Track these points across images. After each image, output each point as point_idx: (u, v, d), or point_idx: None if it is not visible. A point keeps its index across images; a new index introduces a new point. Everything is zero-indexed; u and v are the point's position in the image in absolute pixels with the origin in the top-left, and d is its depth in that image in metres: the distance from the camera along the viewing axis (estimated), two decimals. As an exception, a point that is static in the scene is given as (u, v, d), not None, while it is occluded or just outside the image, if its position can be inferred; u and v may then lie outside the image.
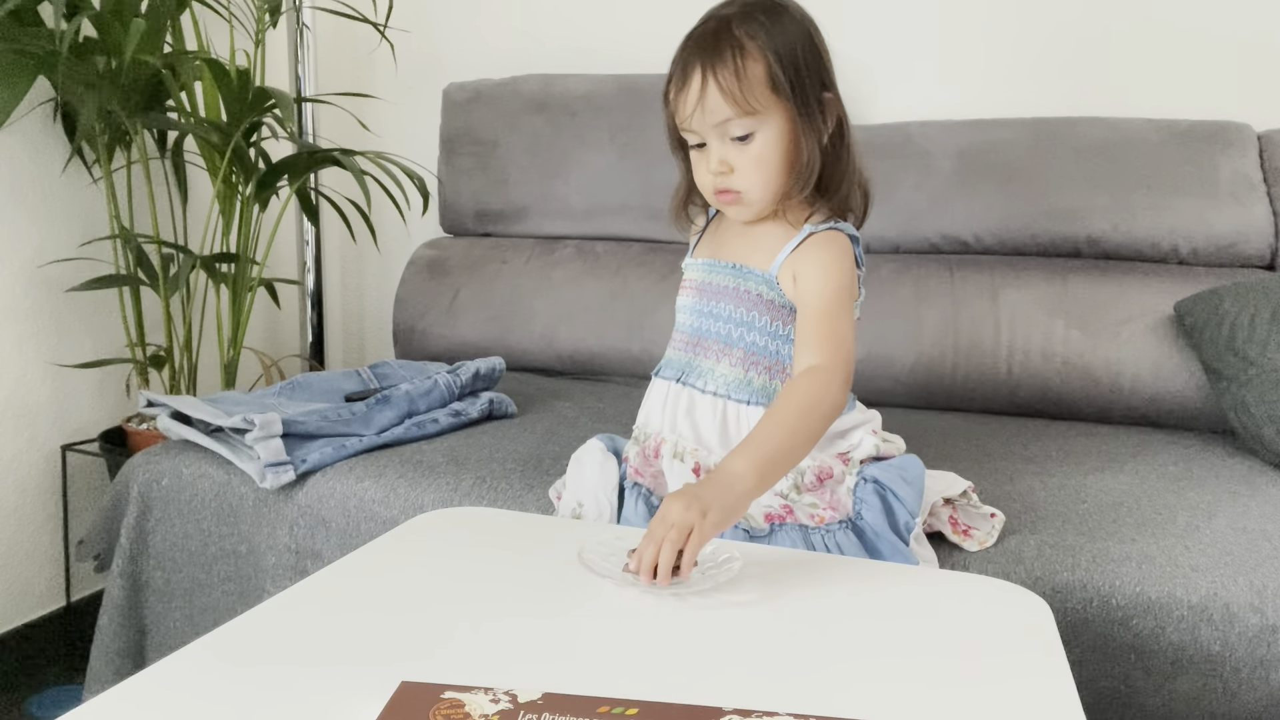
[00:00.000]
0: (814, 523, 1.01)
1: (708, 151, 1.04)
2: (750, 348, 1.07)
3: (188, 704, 0.60)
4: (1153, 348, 1.59)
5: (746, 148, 1.03)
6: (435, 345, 1.93)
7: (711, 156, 1.03)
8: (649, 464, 1.08)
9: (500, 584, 0.78)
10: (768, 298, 1.07)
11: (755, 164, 1.03)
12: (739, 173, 1.04)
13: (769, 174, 1.04)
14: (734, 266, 1.09)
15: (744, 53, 1.00)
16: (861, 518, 1.01)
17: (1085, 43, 1.82)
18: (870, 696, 0.62)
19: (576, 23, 2.08)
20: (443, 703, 0.58)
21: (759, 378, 1.07)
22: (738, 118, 1.01)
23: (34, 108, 1.63)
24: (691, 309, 1.12)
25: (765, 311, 1.08)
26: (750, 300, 1.08)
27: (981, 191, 1.73)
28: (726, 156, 1.03)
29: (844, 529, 1.01)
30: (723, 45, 1.01)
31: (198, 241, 1.86)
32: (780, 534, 1.00)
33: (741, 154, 1.03)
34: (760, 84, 1.01)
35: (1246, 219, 1.64)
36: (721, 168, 1.03)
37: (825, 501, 1.02)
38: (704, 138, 1.04)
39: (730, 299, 1.08)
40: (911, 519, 0.99)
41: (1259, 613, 0.97)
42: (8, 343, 1.63)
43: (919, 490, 1.02)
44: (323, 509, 1.25)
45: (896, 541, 0.99)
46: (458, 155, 2.00)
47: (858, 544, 0.99)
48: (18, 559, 1.66)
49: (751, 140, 1.02)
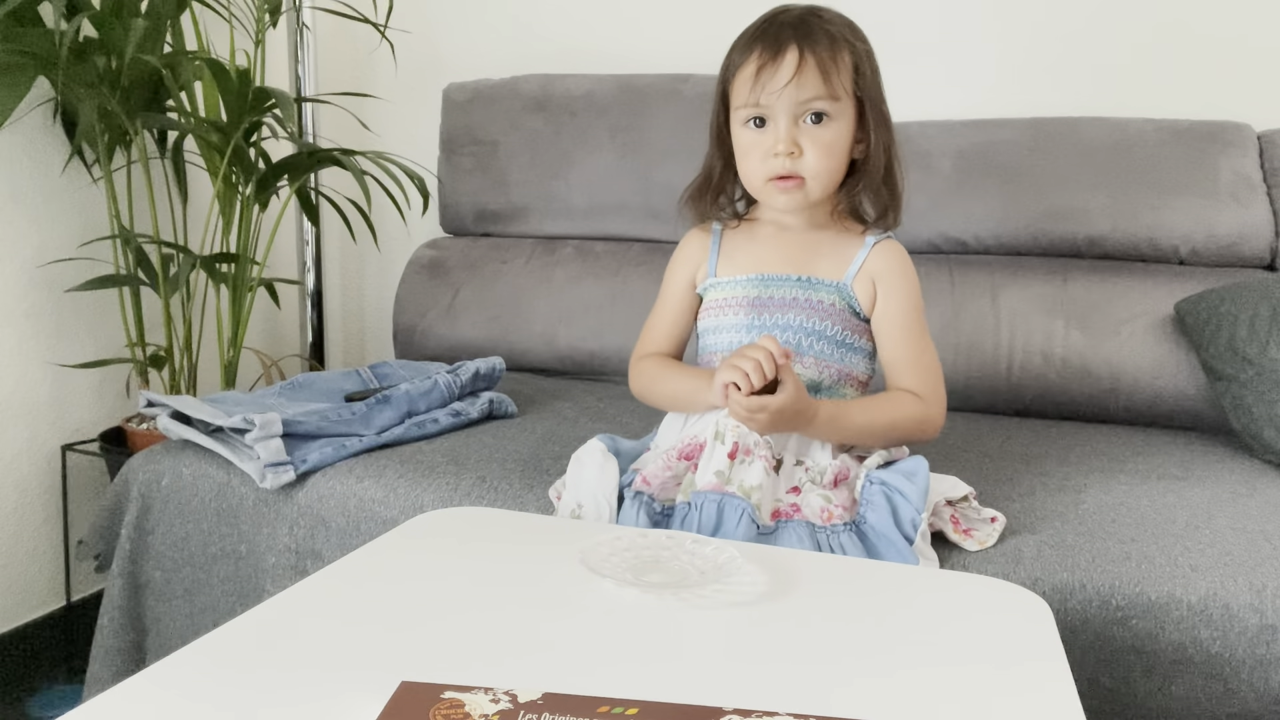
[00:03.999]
0: (822, 519, 1.01)
1: (770, 133, 1.05)
2: (820, 355, 1.09)
3: (187, 704, 0.60)
4: (1153, 348, 1.59)
5: (820, 132, 1.04)
6: (435, 345, 1.93)
7: (781, 136, 1.04)
8: (669, 466, 1.06)
9: (500, 584, 0.78)
10: (840, 307, 1.10)
11: (826, 150, 1.05)
12: (807, 156, 1.05)
13: (834, 164, 1.06)
14: (800, 279, 1.10)
15: (835, 41, 1.04)
16: (865, 520, 1.01)
17: (1085, 43, 1.82)
18: (870, 696, 0.62)
19: (576, 23, 2.08)
20: (443, 703, 0.58)
21: (828, 381, 1.09)
22: (825, 99, 1.03)
23: (34, 108, 1.63)
24: (746, 326, 1.11)
25: (837, 320, 1.10)
26: (823, 310, 1.09)
27: (981, 191, 1.73)
28: (798, 138, 1.04)
29: (848, 530, 1.01)
30: (816, 29, 1.04)
31: (198, 241, 1.86)
32: (787, 530, 1.00)
33: (814, 139, 1.04)
34: (848, 73, 1.04)
35: (1246, 219, 1.64)
36: (792, 148, 1.04)
37: (838, 499, 1.03)
38: (773, 115, 1.04)
39: (799, 310, 1.09)
40: (917, 514, 1.00)
41: (1259, 613, 0.97)
42: (8, 343, 1.63)
43: (923, 489, 1.03)
44: (323, 509, 1.25)
45: (899, 542, 0.99)
46: (458, 155, 2.00)
47: (860, 546, 1.00)
48: (18, 559, 1.66)
49: (826, 125, 1.04)
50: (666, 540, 0.85)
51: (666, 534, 0.87)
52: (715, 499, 0.98)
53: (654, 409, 1.21)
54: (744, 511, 0.97)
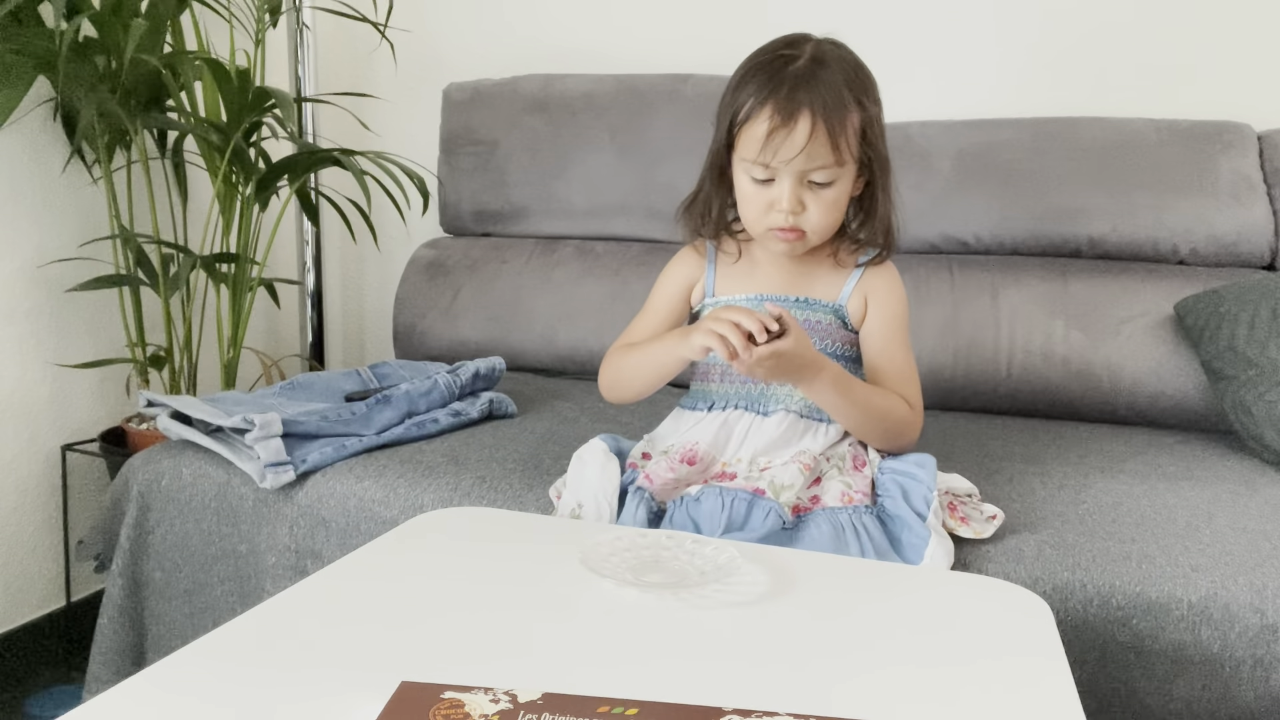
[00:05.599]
0: (843, 503, 1.03)
1: (774, 189, 1.06)
2: None
3: (187, 704, 0.60)
4: (1153, 348, 1.59)
5: (823, 192, 1.06)
6: (435, 345, 1.93)
7: (784, 196, 1.05)
8: (673, 469, 1.07)
9: (500, 584, 0.78)
10: (835, 325, 1.14)
11: (829, 208, 1.07)
12: (810, 215, 1.07)
13: (836, 218, 1.09)
14: (798, 300, 1.14)
15: (846, 103, 1.03)
16: (884, 508, 1.04)
17: (1085, 42, 1.82)
18: (870, 696, 0.62)
19: (576, 23, 2.08)
20: (443, 703, 0.58)
21: None
22: (832, 166, 1.04)
23: (34, 108, 1.63)
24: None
25: (834, 338, 1.14)
26: (820, 329, 1.13)
27: (981, 191, 1.73)
28: (803, 197, 1.06)
29: (870, 513, 1.03)
30: (830, 90, 1.02)
31: (198, 241, 1.86)
32: (809, 521, 1.02)
33: (817, 197, 1.06)
34: (855, 136, 1.05)
35: (1246, 219, 1.64)
36: (797, 208, 1.06)
37: (858, 484, 1.05)
38: (780, 176, 1.05)
39: None
40: (930, 491, 1.03)
41: (1259, 613, 0.97)
42: (8, 343, 1.63)
43: (932, 474, 1.06)
44: (323, 509, 1.25)
45: (914, 521, 1.00)
46: (458, 155, 2.00)
47: (880, 528, 1.01)
48: (18, 559, 1.66)
49: (830, 187, 1.06)
50: (666, 540, 0.86)
51: (666, 534, 0.87)
52: (746, 497, 1.01)
53: (653, 409, 1.21)
54: (771, 510, 1.00)
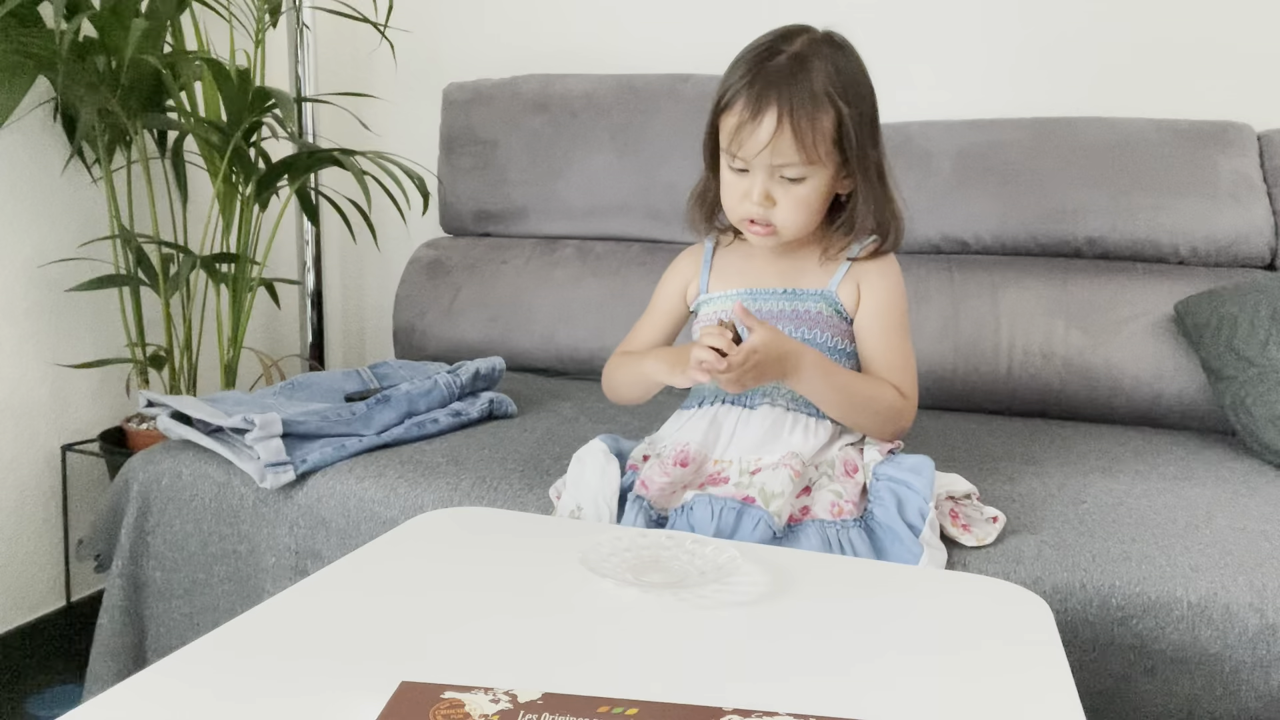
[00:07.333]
0: (832, 514, 1.02)
1: (749, 180, 1.05)
2: None
3: (187, 704, 0.60)
4: (1153, 348, 1.59)
5: (793, 188, 1.05)
6: (435, 345, 1.93)
7: (755, 188, 1.05)
8: (666, 473, 1.06)
9: (500, 584, 0.78)
10: (827, 314, 1.11)
11: (798, 205, 1.06)
12: (780, 209, 1.06)
13: (808, 216, 1.07)
14: (785, 292, 1.12)
15: (818, 102, 1.01)
16: (873, 516, 1.03)
17: (1085, 43, 1.82)
18: (870, 696, 0.62)
19: (576, 23, 2.08)
20: (443, 703, 0.58)
21: None
22: (799, 165, 1.03)
23: (34, 108, 1.63)
24: None
25: (826, 328, 1.11)
26: (810, 319, 1.11)
27: (981, 191, 1.73)
28: (772, 191, 1.05)
29: (857, 526, 1.02)
30: (800, 89, 1.01)
31: (198, 241, 1.86)
32: (800, 531, 1.01)
33: (787, 192, 1.05)
34: (827, 137, 1.03)
35: (1246, 219, 1.64)
36: (765, 202, 1.05)
37: (847, 494, 1.04)
38: (751, 168, 1.05)
39: (787, 321, 1.10)
40: (925, 503, 1.01)
41: (1259, 613, 0.97)
42: (8, 343, 1.63)
43: (929, 482, 1.04)
44: (323, 509, 1.25)
45: (905, 536, 1.00)
46: (458, 155, 2.00)
47: (868, 542, 1.01)
48: (18, 559, 1.66)
49: (801, 184, 1.04)
50: (666, 540, 0.85)
51: (666, 534, 0.87)
52: (735, 506, 1.00)
53: (654, 409, 1.21)
54: (760, 520, 0.99)
